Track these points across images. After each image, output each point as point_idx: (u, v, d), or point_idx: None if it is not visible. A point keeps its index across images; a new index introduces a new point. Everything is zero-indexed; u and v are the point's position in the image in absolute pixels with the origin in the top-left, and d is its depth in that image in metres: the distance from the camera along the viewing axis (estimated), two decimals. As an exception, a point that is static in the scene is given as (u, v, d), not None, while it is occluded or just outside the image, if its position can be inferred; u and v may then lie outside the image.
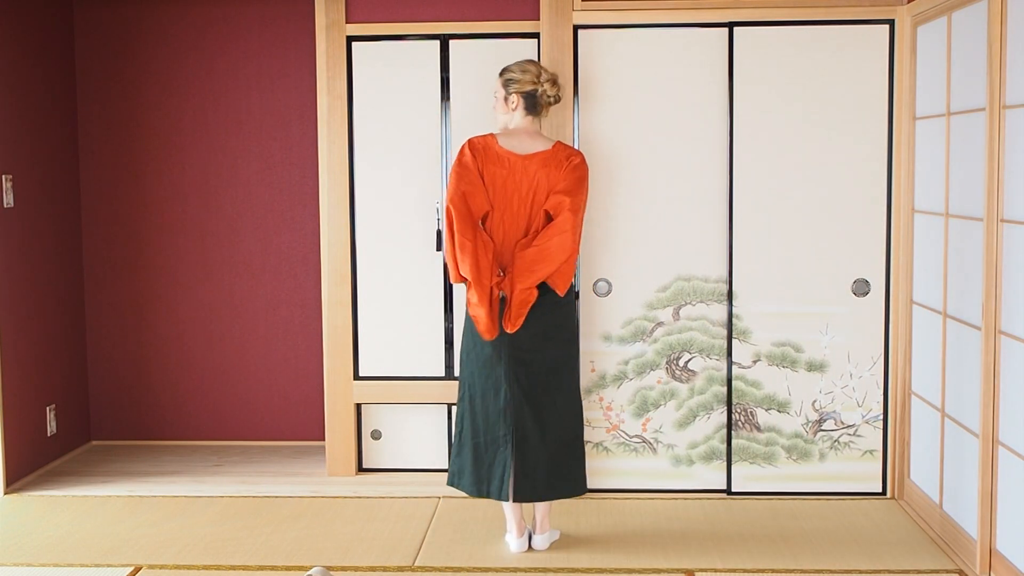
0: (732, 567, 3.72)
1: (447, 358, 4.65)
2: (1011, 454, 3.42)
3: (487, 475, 3.78)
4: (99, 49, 5.20)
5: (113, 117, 5.22)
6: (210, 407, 5.31)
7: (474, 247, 3.64)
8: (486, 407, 3.78)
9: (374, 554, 3.86)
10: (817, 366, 4.45)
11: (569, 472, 3.83)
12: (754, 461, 4.49)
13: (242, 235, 5.24)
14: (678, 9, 4.37)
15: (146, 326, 5.30)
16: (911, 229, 4.30)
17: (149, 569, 3.74)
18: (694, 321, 4.47)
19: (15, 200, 4.71)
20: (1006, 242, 3.44)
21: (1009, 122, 3.41)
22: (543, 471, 3.77)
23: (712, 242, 4.44)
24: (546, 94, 3.84)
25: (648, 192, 4.43)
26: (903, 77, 4.31)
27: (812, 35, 4.36)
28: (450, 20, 4.52)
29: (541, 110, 3.87)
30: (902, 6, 4.31)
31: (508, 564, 3.77)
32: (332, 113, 4.57)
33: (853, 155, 4.38)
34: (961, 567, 3.70)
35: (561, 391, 3.80)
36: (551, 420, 3.78)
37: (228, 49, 5.17)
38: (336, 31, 4.54)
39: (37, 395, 4.88)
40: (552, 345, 3.79)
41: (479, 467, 3.78)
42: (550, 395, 3.78)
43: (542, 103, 3.85)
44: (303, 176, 5.19)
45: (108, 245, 5.27)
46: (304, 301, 5.24)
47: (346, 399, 4.69)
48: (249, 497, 4.50)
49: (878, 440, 4.46)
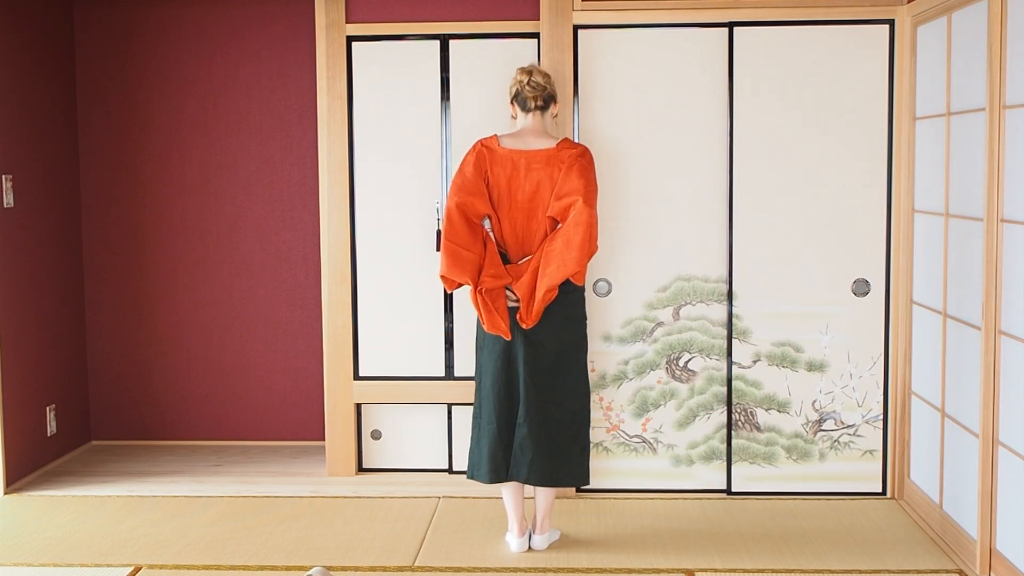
0: (732, 567, 3.72)
1: (447, 358, 4.65)
2: (1011, 454, 3.42)
3: (502, 462, 3.79)
4: (99, 49, 5.20)
5: (113, 117, 5.22)
6: (210, 407, 5.32)
7: (457, 252, 3.74)
8: (498, 393, 3.80)
9: (374, 554, 3.86)
10: (817, 366, 4.45)
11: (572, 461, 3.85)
12: (754, 461, 4.49)
13: (242, 235, 5.24)
14: (678, 9, 4.37)
15: (146, 326, 5.30)
16: (911, 229, 4.30)
17: (149, 569, 3.74)
18: (694, 321, 4.47)
19: (15, 200, 4.71)
20: (1006, 242, 3.44)
21: (1009, 122, 3.41)
22: (546, 457, 3.78)
23: (712, 242, 4.44)
24: (526, 87, 3.84)
25: (648, 192, 4.43)
26: (903, 77, 4.31)
27: (812, 35, 4.36)
28: (450, 20, 4.52)
29: (538, 105, 3.85)
30: (902, 6, 4.31)
31: (508, 564, 3.77)
32: (332, 113, 4.57)
33: (853, 155, 4.38)
34: (961, 567, 3.70)
35: (570, 377, 3.84)
36: (559, 407, 3.81)
37: (228, 49, 5.17)
38: (336, 31, 4.54)
39: (37, 395, 4.88)
40: (562, 329, 3.82)
41: (494, 455, 3.79)
42: (559, 381, 3.81)
43: (528, 97, 3.84)
44: (303, 176, 5.19)
45: (108, 245, 5.27)
46: (304, 301, 5.24)
47: (346, 399, 4.69)
48: (249, 497, 4.50)
49: (878, 440, 4.46)
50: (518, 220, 3.78)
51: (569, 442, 3.83)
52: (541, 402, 3.78)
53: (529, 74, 3.85)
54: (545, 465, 3.78)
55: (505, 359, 3.80)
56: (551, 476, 3.81)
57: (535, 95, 3.84)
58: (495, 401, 3.80)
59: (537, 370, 3.78)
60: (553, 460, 3.80)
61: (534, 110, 3.85)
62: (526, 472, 3.77)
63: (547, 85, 3.87)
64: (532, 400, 3.77)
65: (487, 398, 3.83)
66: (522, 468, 3.77)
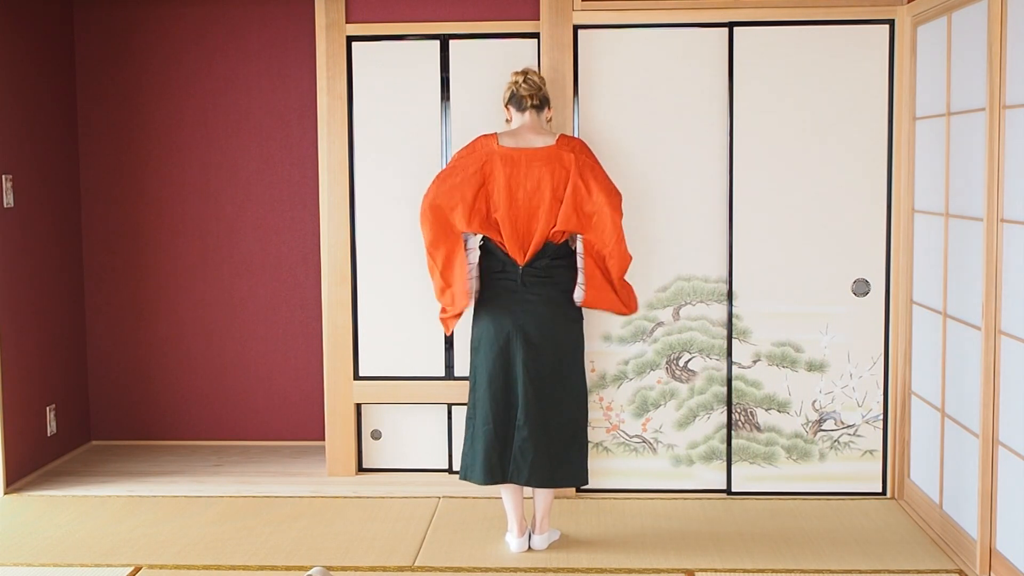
0: (732, 567, 3.72)
1: (447, 358, 4.65)
2: (1011, 454, 3.42)
3: (497, 462, 3.79)
4: (99, 49, 5.20)
5: (113, 117, 5.22)
6: (210, 407, 5.31)
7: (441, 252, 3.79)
8: (495, 394, 3.79)
9: (374, 554, 3.86)
10: (817, 366, 4.45)
11: (571, 461, 3.84)
12: (754, 461, 4.49)
13: (242, 235, 5.24)
14: (678, 9, 4.37)
15: (146, 326, 5.30)
16: (911, 229, 4.30)
17: (149, 569, 3.74)
18: (694, 321, 4.47)
19: (15, 200, 4.71)
20: (1006, 242, 3.44)
21: (1009, 122, 3.41)
22: (545, 457, 3.78)
23: (712, 242, 4.44)
24: (522, 86, 3.84)
25: (648, 192, 4.43)
26: (903, 77, 4.30)
27: (812, 35, 4.36)
28: (450, 20, 4.52)
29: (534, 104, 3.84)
30: (902, 6, 4.31)
31: (508, 564, 3.77)
32: (332, 113, 4.57)
33: (853, 155, 4.38)
34: (961, 567, 3.70)
35: (568, 376, 3.83)
36: (557, 406, 3.80)
37: (228, 49, 5.17)
38: (336, 31, 4.54)
39: (37, 395, 4.88)
40: (561, 328, 3.82)
41: (489, 456, 3.79)
42: (558, 380, 3.80)
43: (524, 95, 3.84)
44: (303, 176, 5.19)
45: (108, 245, 5.27)
46: (304, 301, 5.24)
47: (346, 399, 4.69)
48: (249, 497, 4.50)
49: (878, 440, 4.46)
50: (519, 219, 3.77)
51: (568, 443, 3.83)
52: (540, 404, 3.77)
53: (524, 75, 3.86)
54: (545, 467, 3.78)
55: (502, 360, 3.79)
56: (551, 477, 3.80)
57: (531, 93, 3.83)
58: (491, 402, 3.79)
59: (536, 372, 3.77)
60: (553, 461, 3.79)
61: (529, 108, 3.85)
62: (527, 475, 3.77)
63: (542, 86, 3.87)
64: (531, 402, 3.76)
65: (482, 399, 3.82)
66: (523, 471, 3.77)
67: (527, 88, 3.83)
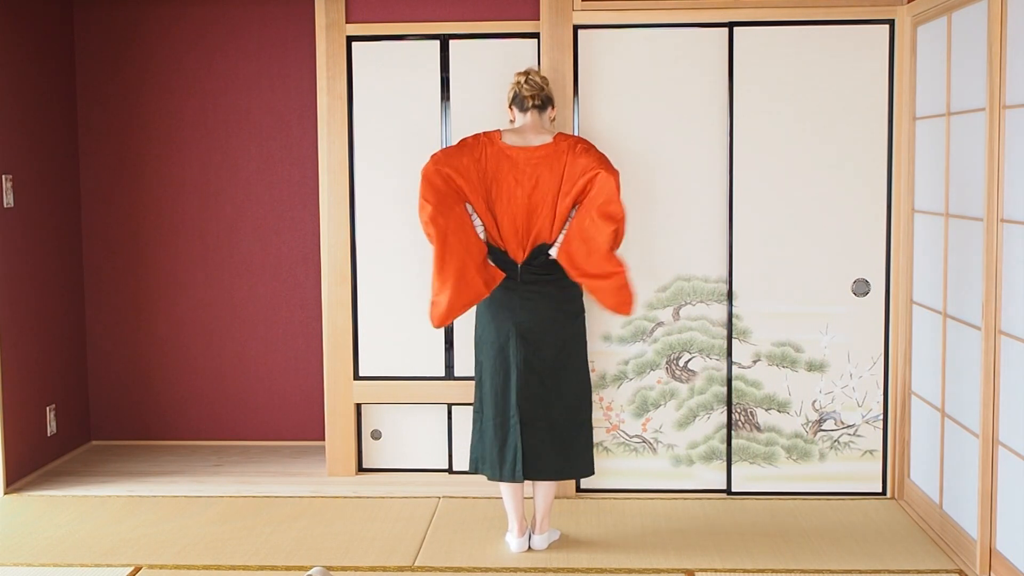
0: (732, 567, 3.72)
1: (447, 358, 4.65)
2: (1011, 454, 3.42)
3: (502, 457, 3.80)
4: (99, 49, 5.20)
5: (113, 117, 5.22)
6: (210, 407, 5.31)
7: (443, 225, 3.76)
8: (497, 390, 3.81)
9: (374, 554, 3.86)
10: (817, 366, 4.45)
11: (577, 453, 3.86)
12: (754, 461, 4.49)
13: (242, 235, 5.24)
14: (678, 9, 4.37)
15: (146, 326, 5.30)
16: (911, 229, 4.30)
17: (149, 569, 3.74)
18: (694, 321, 4.47)
19: (15, 200, 4.71)
20: (1006, 242, 3.44)
21: (1009, 122, 3.41)
22: (551, 451, 3.80)
23: (712, 242, 4.44)
24: (524, 86, 3.86)
25: (648, 192, 4.43)
26: (903, 77, 4.31)
27: (812, 35, 4.36)
28: (450, 20, 4.52)
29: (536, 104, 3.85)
30: (902, 6, 4.31)
31: (508, 564, 3.77)
32: (332, 113, 4.57)
33: (853, 155, 4.38)
34: (961, 567, 3.70)
35: (570, 370, 3.85)
36: (560, 400, 3.82)
37: (228, 49, 5.17)
38: (336, 31, 4.54)
39: (37, 395, 4.87)
40: (561, 324, 3.83)
41: (495, 450, 3.81)
42: (560, 374, 3.82)
43: (526, 95, 3.85)
44: (303, 176, 5.20)
45: (108, 245, 5.27)
46: (304, 301, 5.24)
47: (346, 399, 4.69)
48: (249, 497, 4.50)
49: (878, 440, 4.46)
50: (519, 217, 3.78)
51: (574, 435, 3.85)
52: (544, 398, 3.79)
53: (527, 75, 3.87)
54: (552, 460, 3.81)
55: (503, 358, 3.80)
56: (560, 470, 3.84)
57: (532, 93, 3.84)
58: (496, 398, 3.81)
59: (539, 367, 3.79)
60: (560, 454, 3.82)
61: (532, 108, 3.86)
62: (536, 469, 3.79)
63: (544, 86, 3.88)
64: (536, 397, 3.78)
65: (488, 395, 3.84)
66: (532, 464, 3.78)
67: (528, 88, 3.84)
